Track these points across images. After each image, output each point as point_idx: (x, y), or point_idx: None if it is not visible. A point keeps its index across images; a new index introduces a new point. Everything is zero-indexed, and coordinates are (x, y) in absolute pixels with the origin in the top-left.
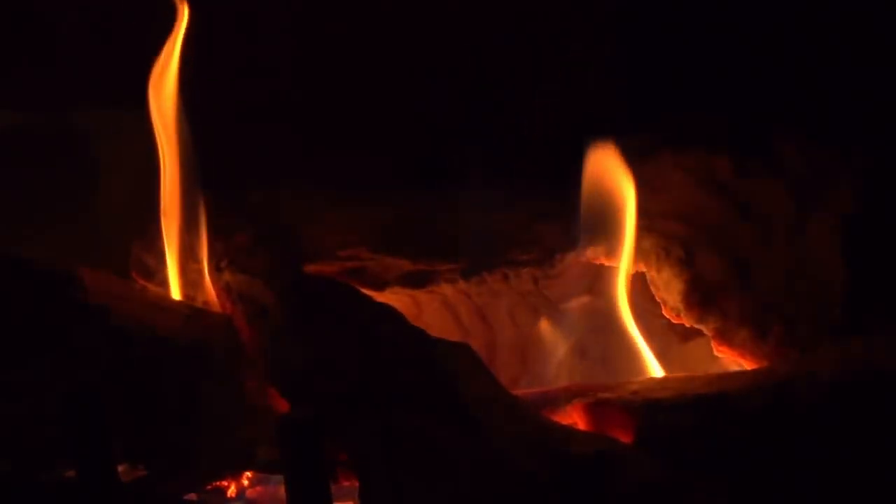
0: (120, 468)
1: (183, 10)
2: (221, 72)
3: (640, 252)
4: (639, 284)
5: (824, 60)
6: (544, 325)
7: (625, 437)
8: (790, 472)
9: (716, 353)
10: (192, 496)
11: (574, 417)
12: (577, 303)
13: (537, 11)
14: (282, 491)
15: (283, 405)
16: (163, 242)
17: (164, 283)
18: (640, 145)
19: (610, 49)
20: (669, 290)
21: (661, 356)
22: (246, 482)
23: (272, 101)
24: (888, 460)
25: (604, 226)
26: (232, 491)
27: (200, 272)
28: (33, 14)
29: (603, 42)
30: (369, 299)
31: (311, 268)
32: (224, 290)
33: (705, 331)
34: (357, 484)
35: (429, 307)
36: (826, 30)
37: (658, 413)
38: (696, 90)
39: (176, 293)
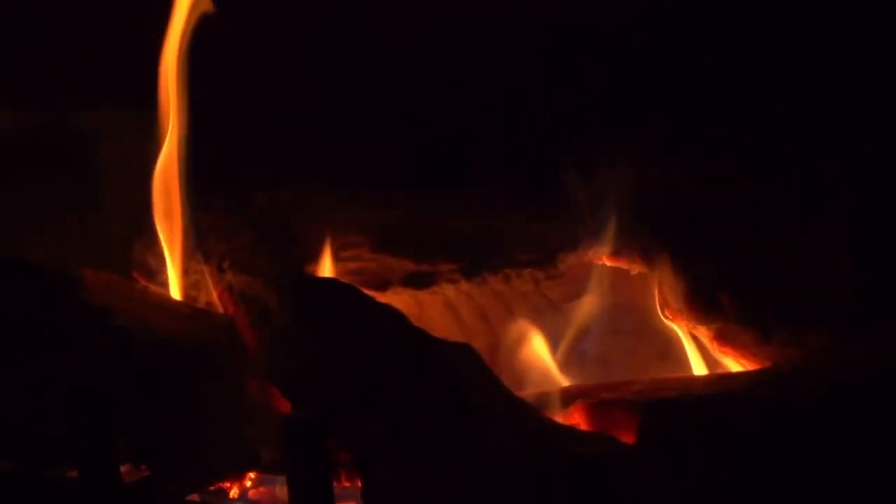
0: (122, 468)
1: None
2: (224, 72)
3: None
4: (639, 285)
5: (824, 59)
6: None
7: (627, 438)
8: (793, 473)
9: (718, 354)
10: (195, 497)
11: (576, 418)
12: (578, 303)
13: (538, 14)
14: (284, 492)
15: (285, 406)
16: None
17: (166, 283)
18: (641, 146)
19: (612, 50)
20: (671, 291)
21: (664, 356)
22: (248, 483)
23: (275, 102)
24: (892, 461)
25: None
26: (234, 492)
27: (202, 273)
28: (34, 14)
29: (605, 43)
30: (371, 300)
31: (312, 268)
32: (226, 290)
33: (707, 332)
34: (360, 484)
35: (431, 308)
36: (826, 29)
37: (661, 413)
38: (697, 90)
39: (177, 294)
